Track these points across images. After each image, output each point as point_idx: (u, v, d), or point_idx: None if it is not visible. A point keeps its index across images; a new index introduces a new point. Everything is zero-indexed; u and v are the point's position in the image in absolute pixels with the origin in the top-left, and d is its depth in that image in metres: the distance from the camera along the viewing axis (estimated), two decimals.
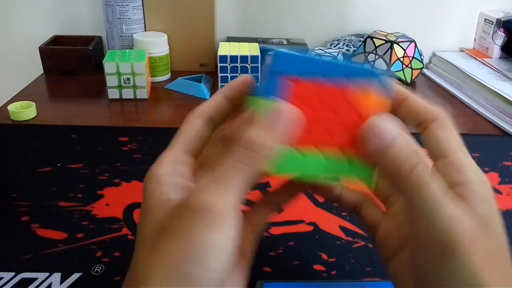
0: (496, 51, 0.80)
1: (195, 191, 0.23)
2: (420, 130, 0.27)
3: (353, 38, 0.80)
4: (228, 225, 0.22)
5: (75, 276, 0.35)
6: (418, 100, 0.27)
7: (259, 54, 0.67)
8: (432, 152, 0.26)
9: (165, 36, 0.75)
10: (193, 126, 0.27)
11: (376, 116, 0.24)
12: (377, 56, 0.65)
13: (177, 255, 0.21)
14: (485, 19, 0.83)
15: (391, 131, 0.24)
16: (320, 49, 0.73)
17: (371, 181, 0.27)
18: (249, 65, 0.68)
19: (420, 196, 0.23)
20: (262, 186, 0.31)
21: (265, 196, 0.30)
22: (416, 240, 0.24)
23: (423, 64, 0.72)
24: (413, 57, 0.66)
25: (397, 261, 0.28)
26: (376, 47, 0.65)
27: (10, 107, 0.60)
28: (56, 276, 0.35)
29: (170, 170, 0.25)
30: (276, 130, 0.23)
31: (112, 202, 0.44)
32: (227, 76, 0.68)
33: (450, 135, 0.26)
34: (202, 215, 0.21)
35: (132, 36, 0.75)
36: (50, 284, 0.34)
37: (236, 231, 0.22)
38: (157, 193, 0.24)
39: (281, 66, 0.22)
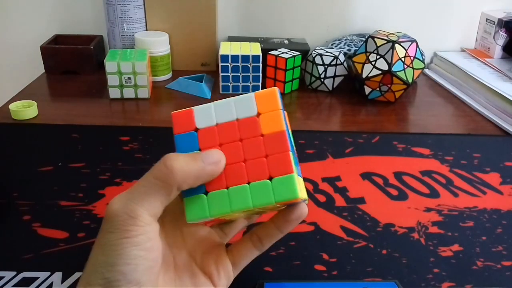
0: (498, 51, 0.80)
1: (112, 200, 0.26)
2: None
3: (354, 38, 0.80)
4: (138, 233, 0.25)
5: (76, 275, 0.35)
6: None
7: (261, 54, 0.67)
8: None
9: (166, 36, 0.75)
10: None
11: None
12: (378, 56, 0.65)
13: (93, 260, 0.25)
14: (486, 19, 0.82)
15: None
16: (322, 48, 0.73)
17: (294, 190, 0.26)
18: (250, 64, 0.68)
19: None
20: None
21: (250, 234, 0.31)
22: None
23: (425, 64, 0.72)
24: (414, 57, 0.66)
25: None
26: (377, 47, 0.65)
27: (12, 106, 0.60)
28: (57, 275, 0.35)
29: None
30: (198, 164, 0.27)
31: None
32: (228, 75, 0.68)
33: None
34: (113, 223, 0.25)
35: (133, 35, 0.75)
36: (51, 284, 0.34)
37: (146, 238, 0.25)
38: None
39: None
